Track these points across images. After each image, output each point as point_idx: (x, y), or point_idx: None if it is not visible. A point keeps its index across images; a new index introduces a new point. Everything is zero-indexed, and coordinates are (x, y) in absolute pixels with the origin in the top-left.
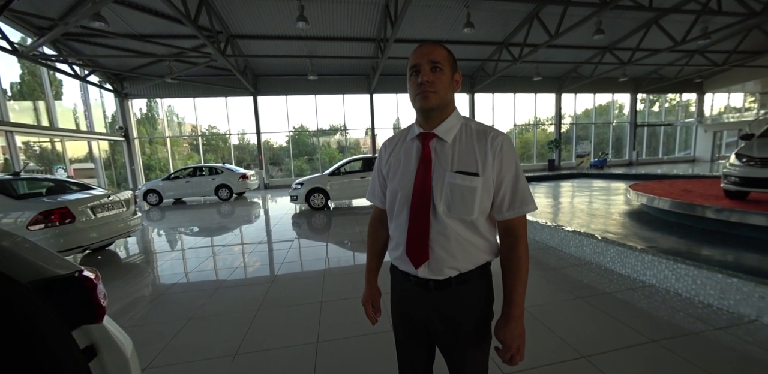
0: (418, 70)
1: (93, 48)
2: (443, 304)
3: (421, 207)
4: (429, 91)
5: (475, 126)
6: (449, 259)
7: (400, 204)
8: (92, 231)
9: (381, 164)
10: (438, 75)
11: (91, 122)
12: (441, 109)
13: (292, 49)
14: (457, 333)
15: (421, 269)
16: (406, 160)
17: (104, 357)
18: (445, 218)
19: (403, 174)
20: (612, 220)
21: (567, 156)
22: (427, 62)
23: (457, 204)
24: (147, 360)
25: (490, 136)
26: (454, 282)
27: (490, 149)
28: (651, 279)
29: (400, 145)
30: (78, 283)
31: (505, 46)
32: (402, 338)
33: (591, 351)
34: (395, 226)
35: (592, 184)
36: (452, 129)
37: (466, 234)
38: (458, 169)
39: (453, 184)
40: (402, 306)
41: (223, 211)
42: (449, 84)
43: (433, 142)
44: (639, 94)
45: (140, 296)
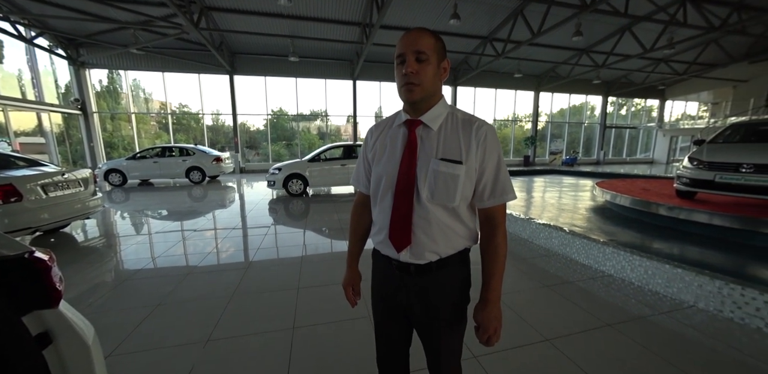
0: (403, 60)
1: (41, 6)
2: (423, 288)
3: (405, 192)
4: (413, 84)
5: (461, 115)
6: (430, 244)
7: (384, 189)
8: (43, 212)
9: (367, 149)
10: (423, 66)
11: (40, 91)
12: (426, 99)
13: (272, 27)
14: (436, 316)
15: (403, 253)
16: (392, 145)
17: (61, 344)
18: (428, 204)
19: (389, 159)
20: (579, 215)
21: (541, 153)
22: (412, 52)
23: (440, 191)
24: (111, 347)
25: (475, 125)
26: (434, 267)
27: (475, 138)
28: (610, 270)
29: (387, 131)
30: (28, 265)
31: (489, 40)
32: (381, 321)
33: (554, 335)
34: (379, 211)
35: (562, 181)
36: (438, 117)
37: (448, 221)
38: (443, 156)
39: (437, 170)
40: (383, 291)
41: (194, 195)
42: (435, 74)
43: (420, 129)
44: (610, 96)
45: (101, 282)
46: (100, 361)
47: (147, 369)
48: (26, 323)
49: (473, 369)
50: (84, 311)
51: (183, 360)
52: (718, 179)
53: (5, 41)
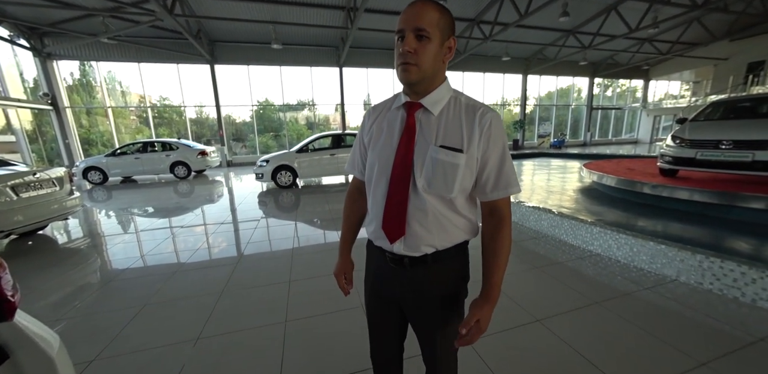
0: (402, 36)
1: None
2: (418, 281)
3: (400, 180)
4: (409, 64)
5: (466, 100)
6: (426, 235)
7: (379, 176)
8: (15, 214)
9: (363, 132)
10: (423, 44)
11: (3, 86)
12: (426, 82)
13: (252, 12)
14: (431, 310)
15: (396, 244)
16: (389, 129)
17: (20, 358)
18: (424, 193)
19: (385, 144)
20: (567, 196)
21: (530, 136)
22: (411, 29)
23: (437, 180)
24: (96, 351)
25: (479, 112)
26: (429, 259)
27: (478, 126)
28: (597, 249)
29: (384, 114)
30: None
31: (476, 23)
32: (374, 314)
33: (544, 315)
34: (372, 199)
35: (551, 163)
36: (440, 101)
37: (445, 211)
38: (442, 143)
39: (435, 158)
40: (376, 283)
41: (180, 190)
42: (436, 54)
43: (419, 112)
44: (596, 78)
45: (85, 283)
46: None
47: (135, 371)
48: None
49: (465, 353)
50: (68, 314)
51: (173, 360)
52: (699, 156)
53: None
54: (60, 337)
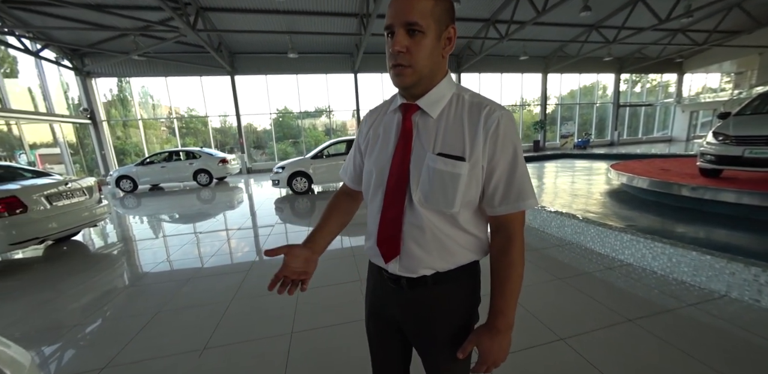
0: (392, 32)
1: (43, 18)
2: (417, 304)
3: (395, 193)
4: (403, 67)
5: (470, 98)
6: (424, 256)
7: (375, 188)
8: (50, 222)
9: (360, 138)
10: (417, 41)
11: (50, 103)
12: (423, 83)
13: (269, 23)
14: (433, 336)
15: (391, 264)
16: (386, 135)
17: None
18: (421, 208)
19: (381, 152)
20: (593, 200)
21: (552, 137)
22: (401, 24)
23: (435, 194)
24: (107, 358)
25: (485, 111)
26: (430, 281)
27: (483, 127)
28: (629, 258)
29: (381, 117)
30: None
31: (491, 23)
32: (374, 337)
33: (568, 333)
34: (369, 212)
35: (575, 164)
36: (440, 100)
37: (447, 229)
38: (441, 150)
39: (433, 168)
40: (374, 302)
41: (202, 197)
42: (433, 49)
43: (417, 115)
44: (622, 74)
45: (109, 289)
46: None
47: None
48: None
49: None
50: (85, 321)
51: (178, 370)
52: (747, 154)
53: (18, 57)
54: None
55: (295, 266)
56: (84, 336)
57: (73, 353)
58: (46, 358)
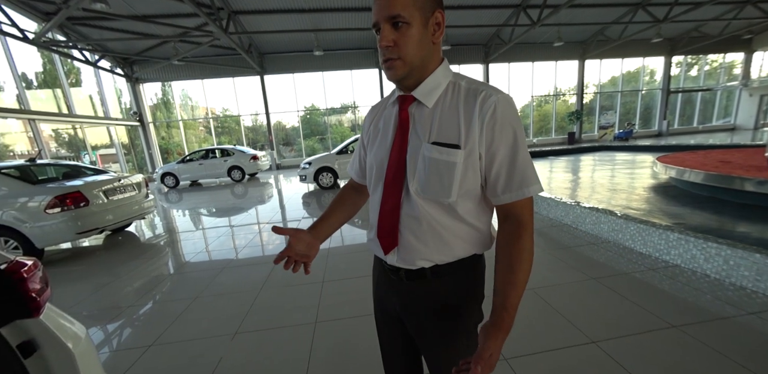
0: (378, 28)
1: (100, 32)
2: (416, 297)
3: (394, 184)
4: (392, 60)
5: (467, 84)
6: (420, 248)
7: (376, 181)
8: (108, 214)
9: (363, 133)
10: (403, 32)
11: (107, 108)
12: (416, 73)
13: (296, 23)
14: (431, 328)
15: (390, 255)
16: (385, 129)
17: (46, 352)
18: (418, 198)
19: (380, 145)
20: (635, 195)
21: (589, 128)
22: (385, 18)
23: (431, 183)
24: (154, 337)
25: (480, 96)
26: (428, 273)
27: (479, 113)
28: (676, 259)
29: (381, 112)
30: (3, 277)
31: (522, 8)
32: (380, 326)
33: (602, 336)
34: (370, 205)
35: (615, 157)
36: (435, 89)
37: (444, 220)
38: (436, 139)
39: (428, 157)
40: (378, 293)
41: (235, 192)
42: (421, 38)
43: (413, 106)
44: (675, 56)
45: (156, 275)
46: (90, 364)
47: (181, 359)
48: (8, 333)
49: (502, 373)
50: (138, 302)
51: (213, 352)
52: None
53: (81, 68)
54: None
55: (299, 249)
56: (136, 316)
57: (128, 330)
58: (109, 334)
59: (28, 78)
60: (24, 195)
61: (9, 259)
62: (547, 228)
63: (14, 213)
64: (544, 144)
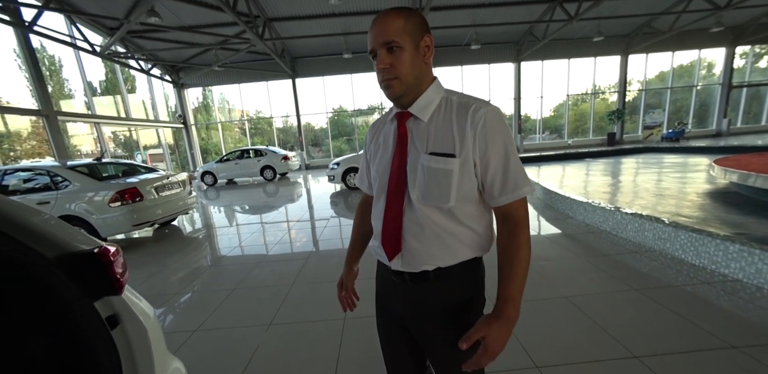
0: (375, 54)
1: (152, 43)
2: (420, 299)
3: (395, 193)
4: (390, 80)
5: (458, 99)
6: (424, 251)
7: (379, 191)
8: (158, 208)
9: (366, 149)
10: (397, 55)
11: (156, 112)
12: (411, 91)
13: (326, 27)
14: (435, 331)
15: (394, 261)
16: (385, 143)
17: (126, 325)
18: (419, 205)
19: (381, 159)
20: (687, 202)
21: (632, 128)
22: (381, 45)
23: (431, 190)
24: (197, 324)
25: (471, 109)
26: (431, 276)
27: (471, 125)
28: (736, 273)
29: (381, 128)
30: (96, 259)
31: (558, 3)
32: (383, 334)
33: (645, 352)
34: (374, 214)
35: (662, 160)
36: (429, 105)
37: (445, 224)
38: (433, 150)
39: (427, 167)
40: (382, 299)
41: (267, 191)
42: (413, 60)
43: (410, 121)
44: (739, 46)
45: (197, 266)
46: (158, 338)
47: (223, 343)
48: (99, 307)
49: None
50: (183, 290)
51: (251, 340)
52: None
53: (136, 76)
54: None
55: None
56: (181, 303)
57: (175, 315)
58: (159, 318)
59: (93, 86)
60: (92, 190)
61: (99, 244)
62: (582, 234)
63: (84, 206)
64: (580, 145)
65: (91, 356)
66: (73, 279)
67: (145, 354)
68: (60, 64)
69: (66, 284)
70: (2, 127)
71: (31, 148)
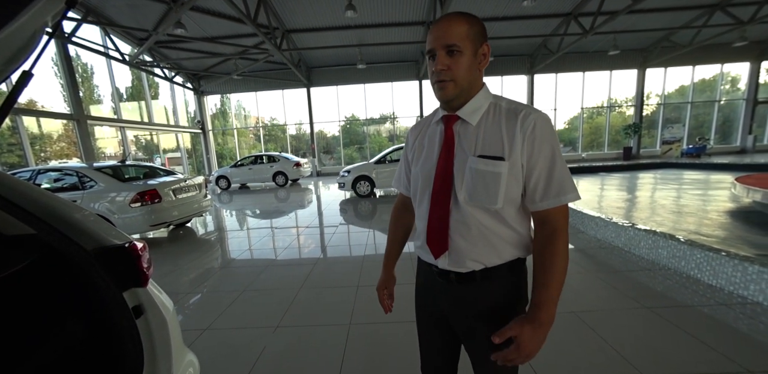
0: (434, 55)
1: (177, 52)
2: (466, 298)
3: (441, 193)
4: (445, 81)
5: (507, 104)
6: (470, 250)
7: (422, 191)
8: (174, 210)
9: (407, 149)
10: (456, 59)
11: (177, 117)
12: (463, 95)
13: (341, 39)
14: (479, 330)
15: (441, 259)
16: (430, 144)
17: (148, 315)
18: (466, 206)
19: (426, 159)
20: (707, 220)
21: (649, 143)
22: (442, 46)
23: (479, 192)
24: (208, 322)
25: (521, 114)
26: (478, 276)
27: (520, 130)
28: (756, 295)
29: (425, 130)
30: (126, 253)
31: (573, 17)
32: (423, 331)
33: (654, 371)
34: (418, 214)
35: (682, 176)
36: (478, 110)
37: (492, 225)
38: (482, 152)
39: (475, 169)
40: (425, 298)
41: (279, 196)
42: (470, 65)
43: (457, 124)
44: (765, 61)
45: (209, 267)
46: (175, 330)
47: (232, 343)
48: (127, 297)
49: None
50: (195, 290)
51: (258, 341)
52: None
53: (159, 83)
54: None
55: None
56: (194, 302)
57: (187, 314)
58: None
59: (120, 92)
60: (115, 191)
61: (129, 239)
62: (594, 249)
63: (107, 205)
64: (594, 158)
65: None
66: (107, 270)
67: (165, 343)
68: (92, 72)
69: (101, 274)
70: (36, 130)
71: (60, 149)
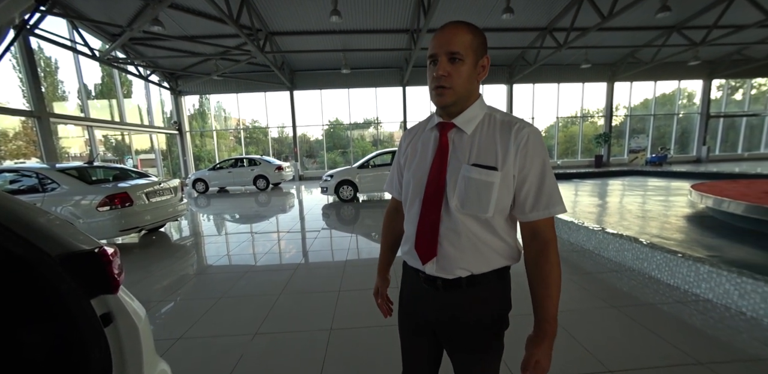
0: (435, 60)
1: (153, 50)
2: (452, 305)
3: (433, 200)
4: (444, 88)
5: (501, 116)
6: (459, 257)
7: (413, 196)
8: (147, 214)
9: (400, 154)
10: (457, 66)
11: (151, 117)
12: (460, 103)
13: (326, 43)
14: (465, 337)
15: (428, 265)
16: (423, 150)
17: (118, 323)
18: (457, 214)
19: (419, 165)
20: (667, 224)
21: (618, 151)
22: (444, 53)
23: (471, 200)
24: (182, 331)
25: (515, 127)
26: (464, 283)
27: (514, 142)
28: (706, 293)
29: (419, 135)
30: (95, 258)
31: (548, 31)
32: (406, 337)
33: (619, 366)
34: (407, 219)
35: (646, 183)
36: (473, 119)
37: (481, 233)
38: (476, 161)
39: (468, 177)
40: (410, 304)
41: (259, 200)
42: (470, 74)
43: (452, 132)
44: (715, 79)
45: (184, 274)
46: (147, 338)
47: (207, 351)
48: (95, 305)
49: None
50: (168, 298)
51: (234, 349)
52: None
53: (133, 81)
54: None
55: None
56: (166, 310)
57: (159, 323)
58: None
59: (88, 89)
60: (81, 194)
61: (99, 244)
62: (567, 252)
63: (71, 209)
64: (569, 166)
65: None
66: (74, 276)
67: (135, 352)
68: (56, 66)
69: (66, 280)
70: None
71: (17, 148)
